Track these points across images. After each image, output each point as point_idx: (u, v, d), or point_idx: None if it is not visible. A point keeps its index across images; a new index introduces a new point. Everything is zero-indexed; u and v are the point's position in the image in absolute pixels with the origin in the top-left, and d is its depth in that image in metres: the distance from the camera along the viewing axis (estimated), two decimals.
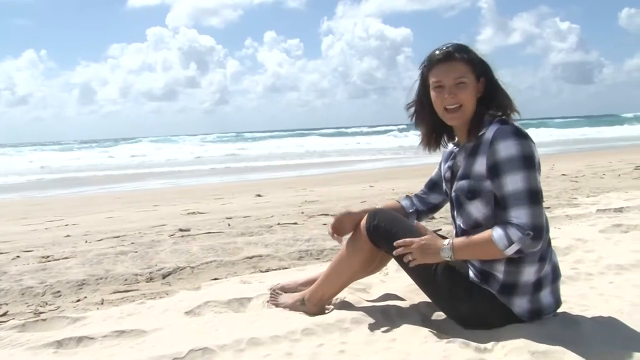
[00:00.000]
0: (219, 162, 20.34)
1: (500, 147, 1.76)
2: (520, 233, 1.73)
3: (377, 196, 6.97)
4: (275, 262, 3.50)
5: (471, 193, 1.86)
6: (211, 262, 3.50)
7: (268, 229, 4.70)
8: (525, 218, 1.74)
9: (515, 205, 1.75)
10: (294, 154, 24.34)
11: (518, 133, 1.78)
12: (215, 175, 14.70)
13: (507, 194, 1.76)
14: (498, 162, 1.77)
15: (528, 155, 1.76)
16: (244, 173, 15.23)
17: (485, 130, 1.85)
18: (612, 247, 3.22)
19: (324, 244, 3.93)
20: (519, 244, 1.74)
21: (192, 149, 29.80)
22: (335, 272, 2.22)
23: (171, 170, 17.22)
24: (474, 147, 1.88)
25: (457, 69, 1.87)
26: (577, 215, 4.49)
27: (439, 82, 1.89)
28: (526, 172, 1.75)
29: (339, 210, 2.26)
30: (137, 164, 20.78)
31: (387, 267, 2.76)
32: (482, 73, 1.91)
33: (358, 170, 14.61)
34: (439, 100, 1.91)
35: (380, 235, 2.07)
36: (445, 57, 1.88)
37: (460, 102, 1.87)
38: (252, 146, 30.37)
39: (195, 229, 4.82)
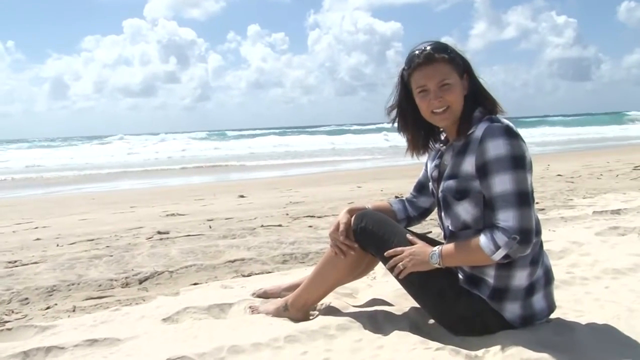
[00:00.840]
0: (201, 161, 20.26)
1: (490, 146, 1.77)
2: (506, 237, 1.75)
3: (365, 197, 6.98)
4: (258, 266, 3.49)
5: (459, 193, 1.87)
6: (191, 266, 3.48)
7: (251, 231, 4.69)
8: (512, 221, 1.75)
9: (503, 207, 1.76)
10: (279, 153, 24.31)
11: (508, 132, 1.79)
12: (196, 175, 14.65)
13: (494, 195, 1.77)
14: (487, 161, 1.78)
15: (518, 155, 1.77)
16: (227, 173, 15.20)
17: (475, 128, 1.86)
18: (609, 251, 3.26)
19: (309, 247, 3.93)
20: (505, 248, 1.75)
21: (172, 147, 29.63)
22: (320, 276, 2.22)
23: (150, 169, 17.13)
24: (463, 145, 1.89)
25: (439, 70, 1.88)
26: (573, 217, 4.53)
27: (423, 87, 1.90)
28: (515, 173, 1.76)
29: (350, 206, 2.25)
30: (113, 162, 20.63)
31: (374, 271, 2.77)
32: (465, 70, 1.93)
33: (345, 170, 14.64)
34: (424, 105, 1.92)
35: (367, 238, 2.07)
36: (426, 60, 1.89)
37: (448, 104, 1.89)
38: (235, 145, 30.27)
39: (175, 232, 4.80)
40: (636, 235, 3.68)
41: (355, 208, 2.21)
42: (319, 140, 33.38)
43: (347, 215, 2.16)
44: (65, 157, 24.11)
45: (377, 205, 2.29)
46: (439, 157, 2.08)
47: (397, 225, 2.11)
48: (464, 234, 1.92)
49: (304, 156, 21.65)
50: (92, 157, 23.69)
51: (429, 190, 2.19)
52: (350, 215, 2.16)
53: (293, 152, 25.04)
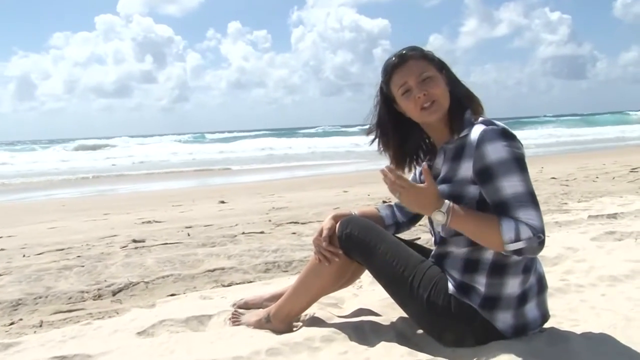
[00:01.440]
0: (179, 165, 20.17)
1: (489, 150, 1.79)
2: (531, 233, 1.75)
3: (351, 202, 6.99)
4: (239, 275, 3.49)
5: (452, 198, 1.88)
6: (168, 276, 3.47)
7: (232, 238, 4.68)
8: (536, 220, 1.76)
9: (521, 206, 1.76)
10: (262, 157, 24.29)
11: (505, 134, 1.81)
12: (174, 180, 14.59)
13: (506, 198, 1.78)
14: (489, 165, 1.79)
15: (520, 157, 1.80)
16: (206, 177, 15.15)
17: (468, 131, 1.88)
18: (605, 257, 3.29)
19: (292, 254, 3.93)
20: (525, 243, 1.75)
21: (148, 150, 29.48)
22: (303, 285, 2.22)
23: (125, 174, 17.02)
24: (457, 149, 1.90)
25: (416, 66, 1.93)
26: (567, 222, 4.58)
27: (404, 86, 1.93)
28: (522, 175, 1.79)
29: (336, 211, 2.25)
30: (85, 167, 20.47)
31: (360, 280, 2.77)
32: (441, 66, 1.98)
33: (331, 173, 14.65)
34: (411, 104, 1.94)
35: (353, 245, 2.08)
36: (401, 60, 1.95)
37: (434, 97, 1.91)
38: (214, 148, 30.17)
39: (151, 240, 4.78)
40: (633, 240, 3.71)
41: (340, 214, 2.22)
42: (303, 142, 33.38)
43: (331, 221, 2.17)
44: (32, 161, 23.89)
45: (363, 211, 2.30)
46: (429, 160, 2.10)
47: (384, 232, 2.11)
48: (455, 241, 1.93)
49: (287, 159, 21.65)
50: (62, 161, 23.47)
51: None
52: (335, 221, 2.17)
53: (276, 155, 25.05)
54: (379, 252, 2.03)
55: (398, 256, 2.03)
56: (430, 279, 1.96)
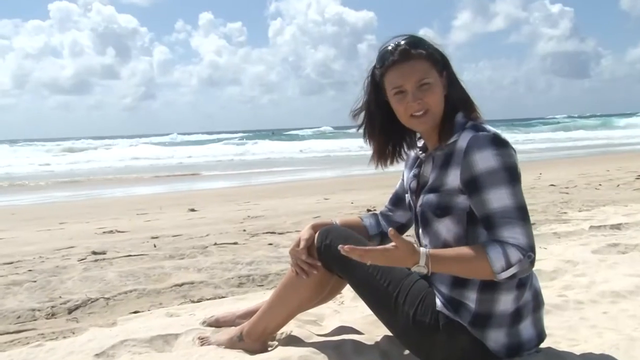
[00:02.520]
0: (144, 170, 20.03)
1: (477, 159, 1.81)
2: (520, 254, 1.77)
3: (333, 210, 7.01)
4: (210, 290, 3.48)
5: (440, 209, 1.90)
6: (131, 291, 3.45)
7: (202, 250, 4.67)
8: (522, 238, 1.78)
9: (507, 223, 1.79)
10: (235, 161, 24.23)
11: (496, 141, 1.83)
12: (139, 186, 14.47)
13: (492, 211, 1.80)
14: (477, 175, 1.81)
15: (510, 166, 1.81)
16: (175, 183, 15.06)
17: (458, 136, 1.90)
18: (607, 271, 3.33)
19: (268, 267, 3.93)
20: (518, 267, 1.77)
21: (111, 153, 29.26)
22: (280, 300, 2.22)
23: (83, 179, 16.87)
24: (446, 156, 1.92)
25: (417, 68, 1.90)
26: (567, 233, 4.63)
27: (399, 87, 1.92)
28: (511, 187, 1.80)
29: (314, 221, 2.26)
30: (38, 171, 20.25)
31: (341, 295, 2.78)
32: (444, 66, 1.97)
33: (311, 179, 14.68)
34: (402, 108, 1.94)
35: (332, 257, 2.09)
36: (402, 57, 1.91)
37: (428, 106, 1.91)
38: (184, 151, 30.03)
39: (113, 252, 4.74)
40: (638, 253, 3.76)
41: (320, 223, 2.23)
42: (281, 145, 33.38)
43: (310, 231, 2.18)
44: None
45: (345, 220, 2.31)
46: (417, 166, 2.11)
47: (366, 243, 2.12)
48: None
49: (264, 164, 21.61)
50: (12, 164, 23.14)
51: (407, 203, 2.22)
52: (313, 231, 2.17)
53: (252, 159, 25.00)
54: (361, 264, 2.03)
55: (382, 269, 2.04)
56: (417, 294, 1.97)
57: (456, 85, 1.98)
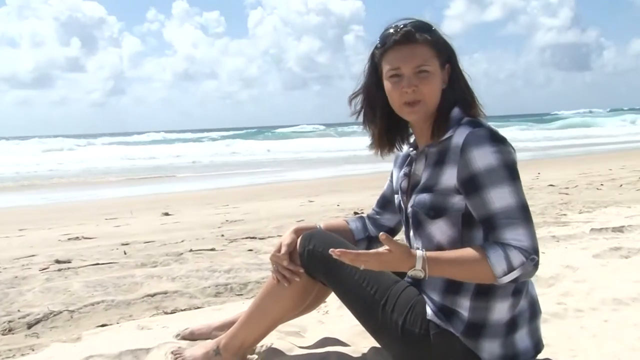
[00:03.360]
0: (114, 171, 19.93)
1: (475, 156, 1.82)
2: (523, 257, 1.78)
3: (318, 214, 7.03)
4: (185, 301, 3.47)
5: (434, 210, 1.91)
6: (98, 303, 3.43)
7: (177, 257, 4.67)
8: (526, 240, 1.79)
9: (510, 224, 1.80)
10: (212, 161, 24.15)
11: (494, 138, 1.84)
12: (108, 189, 14.41)
13: (494, 212, 1.81)
14: (476, 174, 1.82)
15: (510, 163, 1.83)
16: (148, 185, 14.99)
17: (453, 132, 1.90)
18: (609, 276, 3.36)
19: (248, 275, 3.93)
20: (520, 270, 1.78)
21: (77, 153, 29.09)
22: (259, 310, 2.22)
23: (46, 182, 16.73)
24: (440, 153, 1.93)
25: (418, 53, 1.91)
26: (566, 236, 4.67)
27: (396, 70, 1.93)
28: (513, 185, 1.81)
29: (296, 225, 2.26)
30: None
31: (326, 304, 2.78)
32: (448, 59, 1.98)
33: (294, 180, 14.69)
34: (395, 93, 1.95)
35: (316, 263, 2.09)
36: (404, 39, 1.92)
37: (422, 97, 1.92)
38: (157, 150, 29.93)
39: (79, 260, 4.72)
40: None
41: (303, 227, 2.23)
42: (262, 144, 33.35)
43: (292, 236, 2.18)
44: None
45: (330, 224, 2.32)
46: (408, 164, 2.12)
47: (353, 249, 2.11)
48: None
49: (244, 165, 21.57)
50: None
51: (396, 205, 2.22)
52: (296, 236, 2.17)
53: (230, 159, 24.94)
54: (347, 271, 2.03)
55: (369, 276, 2.04)
56: (406, 302, 1.98)
57: (460, 82, 1.99)
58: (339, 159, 22.41)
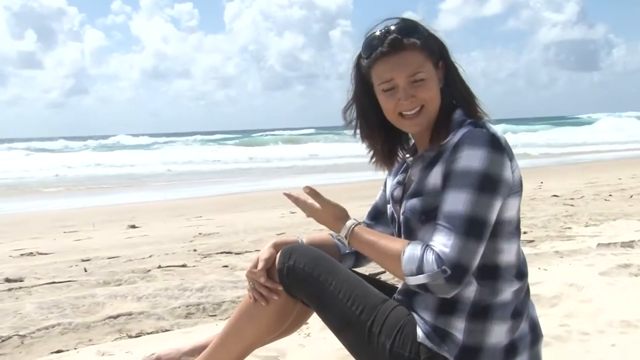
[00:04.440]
0: (75, 178, 19.85)
1: (463, 155, 1.82)
2: (435, 266, 1.78)
3: (300, 226, 7.05)
4: (152, 323, 3.47)
5: (425, 214, 1.91)
6: (53, 326, 3.41)
7: (144, 274, 4.66)
8: (452, 251, 1.77)
9: (445, 230, 1.80)
10: (185, 168, 24.10)
11: (492, 143, 1.83)
12: (67, 197, 14.33)
13: (442, 212, 1.82)
14: (451, 171, 1.83)
15: (490, 174, 1.81)
16: (112, 194, 14.94)
17: (453, 135, 1.91)
18: (617, 296, 3.39)
19: (222, 294, 3.93)
20: (427, 278, 1.78)
21: (32, 159, 28.90)
22: (235, 332, 2.21)
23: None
24: (436, 155, 1.93)
25: (410, 61, 1.92)
26: (571, 252, 4.70)
27: (389, 82, 1.93)
28: (476, 195, 1.80)
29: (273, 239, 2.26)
30: None
31: (307, 325, 2.78)
32: (440, 55, 1.99)
33: (275, 189, 14.60)
34: (390, 106, 1.95)
35: (297, 280, 2.08)
36: (392, 48, 1.92)
37: (422, 102, 1.93)
38: (123, 155, 29.84)
39: (32, 278, 4.70)
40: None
41: (283, 241, 2.23)
42: (239, 149, 33.33)
43: (270, 250, 2.17)
44: None
45: (313, 238, 2.32)
46: (403, 171, 2.12)
47: (337, 264, 2.13)
48: None
49: (219, 172, 21.55)
50: None
51: (388, 216, 2.23)
52: (275, 250, 2.17)
53: (204, 166, 24.88)
54: (330, 289, 2.03)
55: (354, 294, 2.04)
56: (395, 323, 1.98)
57: (455, 77, 2.00)
58: (325, 166, 22.45)
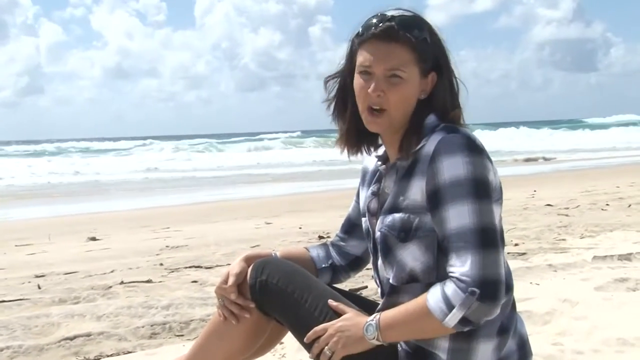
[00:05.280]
0: (29, 186, 19.71)
1: (444, 166, 1.83)
2: (461, 292, 1.77)
3: (276, 238, 7.03)
4: (112, 344, 3.45)
5: (405, 232, 1.92)
6: (2, 349, 3.38)
7: (104, 291, 4.63)
8: (470, 268, 1.78)
9: (459, 249, 1.80)
10: (151, 175, 23.97)
11: (469, 146, 1.85)
12: (20, 207, 14.19)
13: (449, 232, 1.82)
14: (440, 187, 1.84)
15: (480, 178, 1.83)
16: (70, 204, 14.82)
17: (426, 141, 1.92)
18: (613, 312, 3.41)
19: (191, 312, 3.91)
20: (462, 309, 1.78)
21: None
22: (203, 352, 2.20)
23: None
24: (410, 165, 1.94)
25: (395, 55, 1.92)
26: (565, 265, 4.73)
27: (367, 67, 1.95)
28: (476, 203, 1.81)
29: (245, 253, 2.25)
30: None
31: (282, 344, 2.78)
32: (434, 66, 1.98)
33: (249, 198, 14.61)
34: (362, 93, 1.96)
35: (270, 297, 2.08)
36: (384, 34, 1.93)
37: (387, 106, 1.93)
38: (84, 161, 29.65)
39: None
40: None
41: (255, 254, 2.22)
42: (211, 155, 33.22)
43: (242, 264, 2.17)
44: None
45: (288, 252, 2.31)
46: (377, 181, 2.13)
47: (313, 279, 2.13)
48: (411, 289, 1.95)
49: (189, 179, 21.47)
50: None
51: (364, 229, 2.22)
52: (247, 264, 2.17)
53: (172, 173, 24.76)
54: (306, 306, 2.03)
55: (331, 312, 2.02)
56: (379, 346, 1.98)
57: (447, 95, 1.99)
58: (303, 174, 22.44)
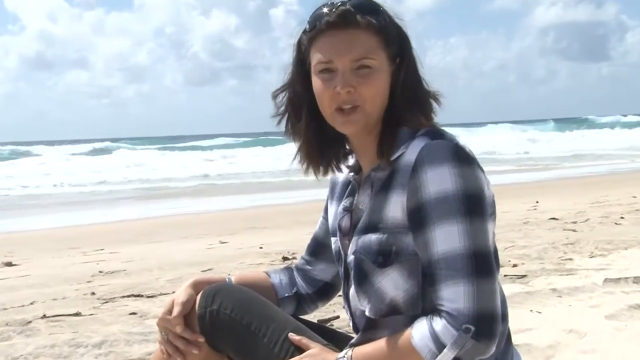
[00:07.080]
0: None
1: (429, 178, 1.83)
2: (453, 329, 1.78)
3: (232, 260, 7.03)
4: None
5: (383, 256, 1.92)
6: None
7: (22, 327, 4.62)
8: (463, 301, 1.79)
9: (448, 278, 1.81)
10: (82, 185, 23.85)
11: (458, 154, 1.86)
12: None
13: (436, 257, 1.83)
14: (423, 203, 1.84)
15: (472, 193, 1.84)
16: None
17: (405, 148, 1.93)
18: (626, 345, 3.46)
19: (129, 350, 3.91)
20: (454, 348, 1.78)
21: None
22: None
23: None
24: (388, 177, 1.95)
25: (359, 42, 1.93)
26: (572, 289, 4.77)
27: (328, 63, 1.95)
28: (468, 222, 1.82)
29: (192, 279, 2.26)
30: None
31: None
32: (400, 51, 2.00)
33: (200, 213, 14.60)
34: (326, 96, 1.96)
35: (222, 330, 2.08)
36: (341, 20, 1.93)
37: (360, 101, 1.94)
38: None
39: None
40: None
41: (205, 280, 2.23)
42: (153, 158, 33.13)
43: (189, 291, 2.17)
44: None
45: (244, 277, 2.33)
46: (349, 195, 2.14)
47: (273, 309, 2.14)
48: (389, 323, 1.97)
49: (126, 192, 21.39)
50: None
51: (334, 251, 2.23)
52: (195, 292, 2.16)
53: (107, 185, 24.63)
54: (264, 340, 2.03)
55: (293, 348, 2.01)
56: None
57: (415, 82, 2.01)
58: (264, 184, 22.45)
